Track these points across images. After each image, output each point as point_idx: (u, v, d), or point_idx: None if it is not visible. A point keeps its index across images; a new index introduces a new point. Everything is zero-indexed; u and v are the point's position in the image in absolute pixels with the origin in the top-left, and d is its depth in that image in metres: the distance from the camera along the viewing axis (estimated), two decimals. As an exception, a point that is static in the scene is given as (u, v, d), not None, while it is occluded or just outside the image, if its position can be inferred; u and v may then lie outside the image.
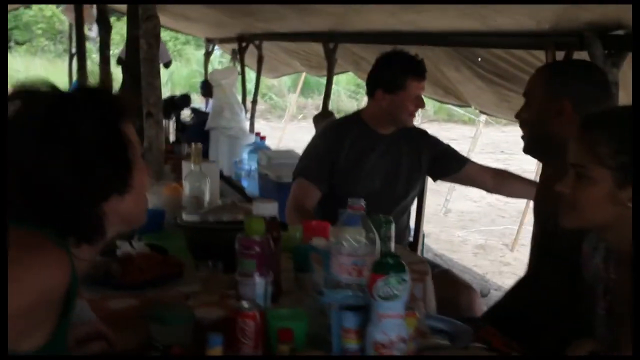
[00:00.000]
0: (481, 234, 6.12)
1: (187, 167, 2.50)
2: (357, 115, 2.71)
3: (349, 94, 13.98)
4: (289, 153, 4.97)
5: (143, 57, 2.92)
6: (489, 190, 2.79)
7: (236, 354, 1.30)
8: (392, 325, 1.23)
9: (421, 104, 2.53)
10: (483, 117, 7.36)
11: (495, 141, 10.32)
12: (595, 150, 1.27)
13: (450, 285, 2.31)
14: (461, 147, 6.99)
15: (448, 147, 2.73)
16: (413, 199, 2.78)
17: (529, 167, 10.01)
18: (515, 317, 1.72)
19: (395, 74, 2.52)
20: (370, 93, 2.61)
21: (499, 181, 2.69)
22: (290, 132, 10.12)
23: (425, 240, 3.93)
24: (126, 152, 1.09)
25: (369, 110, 2.64)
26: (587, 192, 1.28)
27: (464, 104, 4.53)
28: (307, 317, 1.37)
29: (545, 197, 1.87)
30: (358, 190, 2.53)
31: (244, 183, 5.18)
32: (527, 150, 1.89)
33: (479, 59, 3.59)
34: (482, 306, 2.45)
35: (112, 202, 1.08)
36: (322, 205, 2.58)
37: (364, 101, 13.29)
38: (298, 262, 1.73)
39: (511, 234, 5.75)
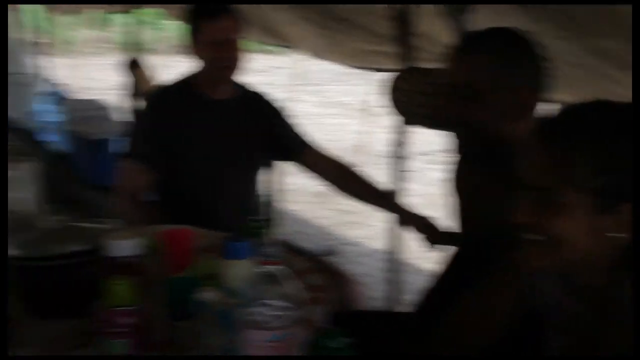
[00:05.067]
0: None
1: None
2: (185, 79, 2.20)
3: (150, 24, 12.52)
4: (93, 103, 4.32)
5: None
6: (327, 184, 2.28)
7: None
8: None
9: (227, 50, 2.05)
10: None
11: (301, 72, 9.81)
12: (569, 171, 0.93)
13: (327, 277, 1.89)
14: (271, 79, 6.50)
15: (288, 124, 2.26)
16: (259, 170, 2.29)
17: (345, 99, 9.91)
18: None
19: (191, 20, 2.11)
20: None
21: (340, 178, 2.20)
22: (83, 70, 8.99)
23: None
24: None
25: (196, 72, 2.17)
26: (562, 223, 0.94)
27: (289, 45, 4.03)
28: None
29: (479, 206, 1.50)
30: (194, 172, 2.13)
31: (50, 138, 4.47)
32: (469, 155, 1.49)
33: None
34: (365, 296, 2.08)
35: None
36: (164, 193, 2.15)
37: (168, 32, 12.24)
38: (176, 305, 1.24)
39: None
